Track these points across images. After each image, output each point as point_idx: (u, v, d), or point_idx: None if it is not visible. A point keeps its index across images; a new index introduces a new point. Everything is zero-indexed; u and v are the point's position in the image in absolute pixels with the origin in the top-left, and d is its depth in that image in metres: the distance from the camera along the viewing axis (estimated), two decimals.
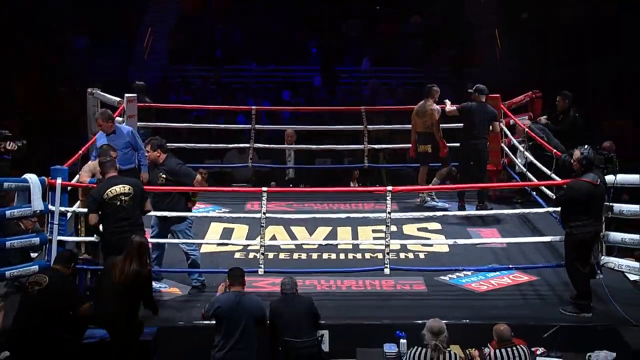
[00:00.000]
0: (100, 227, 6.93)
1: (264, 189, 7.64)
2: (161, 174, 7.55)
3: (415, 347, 5.89)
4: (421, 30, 18.05)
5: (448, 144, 9.71)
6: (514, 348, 6.02)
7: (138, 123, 9.74)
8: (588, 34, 17.15)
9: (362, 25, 18.17)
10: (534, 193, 9.29)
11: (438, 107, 9.60)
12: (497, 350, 6.03)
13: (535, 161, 9.08)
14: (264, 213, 7.50)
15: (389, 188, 7.58)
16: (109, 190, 6.79)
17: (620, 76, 15.76)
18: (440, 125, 9.66)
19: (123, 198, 6.78)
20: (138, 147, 8.38)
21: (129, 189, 6.83)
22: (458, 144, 9.63)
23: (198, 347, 6.47)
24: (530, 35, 17.23)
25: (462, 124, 9.57)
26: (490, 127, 9.43)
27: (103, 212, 6.81)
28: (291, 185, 10.80)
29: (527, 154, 9.44)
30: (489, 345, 6.33)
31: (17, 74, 15.47)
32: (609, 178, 7.22)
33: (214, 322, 6.26)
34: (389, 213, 7.47)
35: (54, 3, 17.32)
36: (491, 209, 9.37)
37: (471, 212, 9.12)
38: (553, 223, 8.48)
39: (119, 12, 17.60)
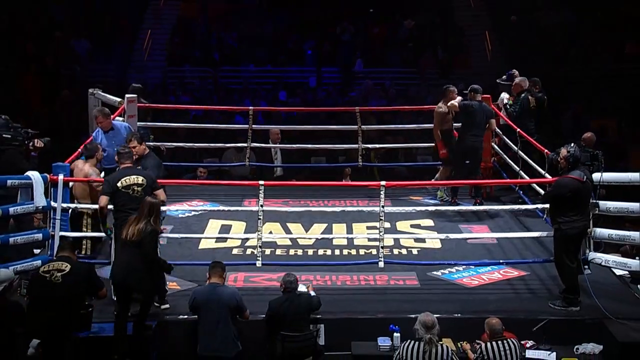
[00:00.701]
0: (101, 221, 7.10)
1: (261, 182, 7.81)
2: (139, 167, 7.60)
3: (409, 340, 6.01)
4: (413, 33, 18.24)
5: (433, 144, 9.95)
6: (505, 341, 6.17)
7: (138, 123, 9.88)
8: (575, 36, 17.41)
9: (356, 27, 18.36)
10: (521, 192, 9.49)
11: (443, 108, 9.74)
12: (489, 344, 6.18)
13: (524, 156, 9.29)
14: (261, 206, 7.66)
15: (382, 183, 7.74)
16: (123, 179, 6.95)
17: (606, 77, 16.03)
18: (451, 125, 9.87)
19: (136, 188, 6.95)
20: None
21: (142, 180, 7.01)
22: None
23: (196, 341, 6.53)
24: (520, 38, 17.45)
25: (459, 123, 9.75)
26: (487, 125, 9.57)
27: (116, 200, 6.95)
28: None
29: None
30: (481, 339, 6.52)
31: (20, 78, 15.61)
32: (595, 176, 7.39)
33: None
34: (383, 207, 7.64)
35: (56, 10, 17.46)
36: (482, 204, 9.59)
37: (462, 207, 9.30)
38: (541, 219, 8.68)
39: (118, 17, 17.77)
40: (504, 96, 10.12)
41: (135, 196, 6.93)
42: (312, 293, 6.92)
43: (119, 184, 6.94)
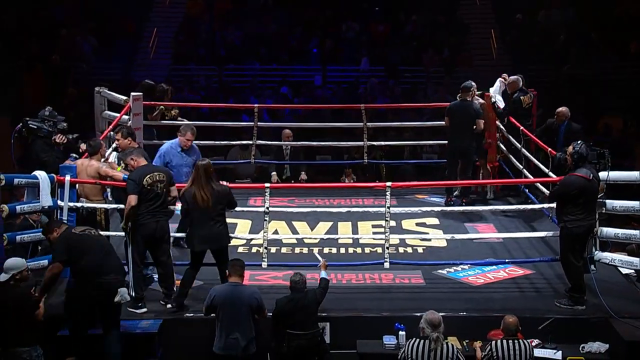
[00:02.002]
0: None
1: (267, 184, 7.81)
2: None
3: (414, 338, 6.02)
4: (417, 31, 18.24)
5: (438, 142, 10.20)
6: (516, 341, 6.16)
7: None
8: (580, 35, 17.40)
9: (361, 26, 18.36)
10: (527, 190, 9.49)
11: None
12: (499, 342, 6.19)
13: (530, 156, 9.29)
14: (267, 208, 7.68)
15: (389, 184, 7.73)
16: (148, 177, 6.98)
17: (611, 75, 16.02)
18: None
19: (159, 185, 7.01)
20: None
21: (163, 177, 7.08)
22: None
23: (203, 339, 6.62)
24: (524, 36, 17.43)
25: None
26: (475, 125, 9.49)
27: (140, 197, 6.95)
28: (292, 181, 10.94)
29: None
30: (487, 337, 6.54)
31: (26, 77, 15.64)
32: (602, 174, 7.36)
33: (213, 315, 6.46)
34: (388, 208, 7.64)
35: (61, 8, 17.48)
36: (474, 202, 9.69)
37: (468, 207, 9.30)
38: (547, 218, 8.66)
39: (124, 16, 17.80)
40: (496, 91, 10.07)
41: (158, 192, 7.01)
42: (324, 273, 6.94)
43: (144, 182, 6.96)
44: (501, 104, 9.90)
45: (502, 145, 10.23)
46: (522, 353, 6.12)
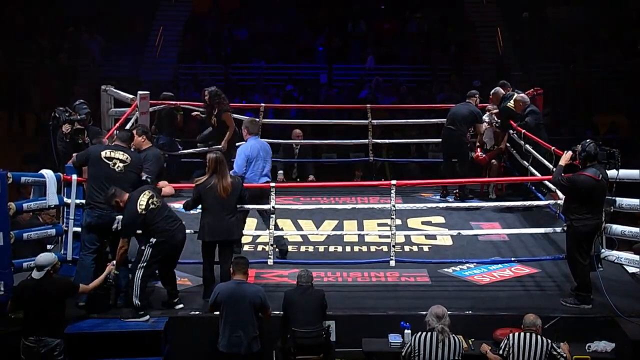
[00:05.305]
0: None
1: (272, 184, 7.82)
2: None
3: (419, 332, 6.09)
4: (424, 29, 18.23)
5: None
6: (534, 335, 6.20)
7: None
8: (587, 32, 17.37)
9: (367, 24, 18.35)
10: (533, 187, 9.48)
11: None
12: (516, 334, 6.23)
13: (536, 154, 9.27)
14: (273, 206, 7.68)
15: (393, 182, 7.73)
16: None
17: (617, 73, 15.99)
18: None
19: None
20: None
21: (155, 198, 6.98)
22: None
23: (208, 337, 6.62)
24: (531, 33, 17.42)
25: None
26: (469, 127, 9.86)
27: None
28: (298, 180, 10.95)
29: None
30: (493, 336, 6.55)
31: (34, 75, 15.71)
32: (612, 173, 7.29)
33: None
34: (394, 206, 7.64)
35: (70, 6, 17.57)
36: (472, 198, 9.76)
37: (474, 204, 9.29)
38: (553, 217, 8.65)
39: (131, 14, 17.85)
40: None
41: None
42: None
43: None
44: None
45: (508, 145, 10.21)
46: (537, 347, 6.14)
